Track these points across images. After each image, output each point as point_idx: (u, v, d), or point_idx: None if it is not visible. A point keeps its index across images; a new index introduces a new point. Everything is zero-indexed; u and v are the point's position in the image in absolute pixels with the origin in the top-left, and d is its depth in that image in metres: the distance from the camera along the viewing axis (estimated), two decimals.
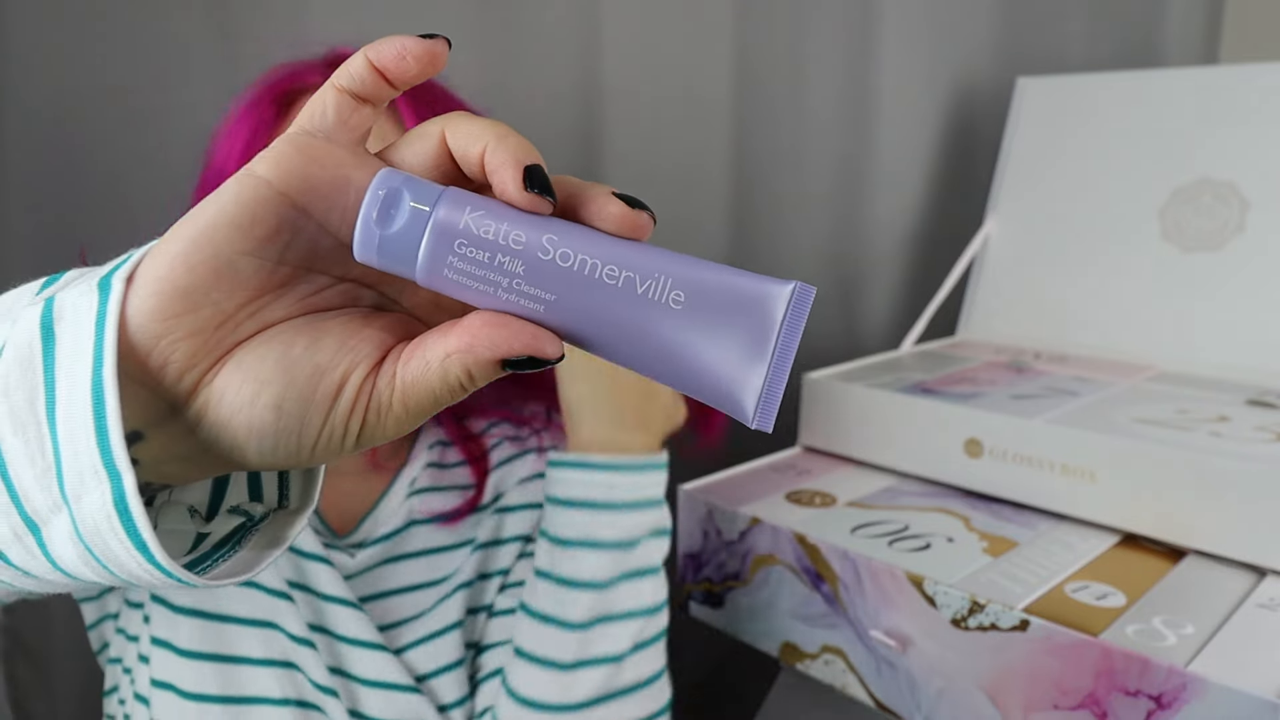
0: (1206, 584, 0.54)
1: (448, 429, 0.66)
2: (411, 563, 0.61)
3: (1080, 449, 0.61)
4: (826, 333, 1.05)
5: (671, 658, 0.60)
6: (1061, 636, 0.49)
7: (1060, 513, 0.63)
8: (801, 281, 0.25)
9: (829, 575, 0.60)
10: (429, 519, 0.62)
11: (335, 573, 0.56)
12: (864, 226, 1.02)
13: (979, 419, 0.65)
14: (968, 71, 1.01)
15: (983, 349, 0.87)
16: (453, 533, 0.62)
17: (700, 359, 0.26)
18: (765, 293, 0.25)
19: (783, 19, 0.97)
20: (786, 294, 0.25)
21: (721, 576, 0.67)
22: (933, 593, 0.54)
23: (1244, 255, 0.77)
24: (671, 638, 0.60)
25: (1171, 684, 0.45)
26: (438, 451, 0.65)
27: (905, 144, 1.01)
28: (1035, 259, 0.89)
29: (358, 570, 0.59)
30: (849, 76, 0.98)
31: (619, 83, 0.93)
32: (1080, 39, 1.04)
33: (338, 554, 0.58)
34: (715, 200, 1.00)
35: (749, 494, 0.68)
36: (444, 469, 0.65)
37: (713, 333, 0.25)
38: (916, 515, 0.64)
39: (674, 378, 0.26)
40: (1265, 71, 0.79)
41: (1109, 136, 0.87)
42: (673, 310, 0.25)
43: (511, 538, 0.63)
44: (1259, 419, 0.63)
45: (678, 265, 0.25)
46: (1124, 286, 0.83)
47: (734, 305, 0.25)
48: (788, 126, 0.99)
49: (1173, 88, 0.84)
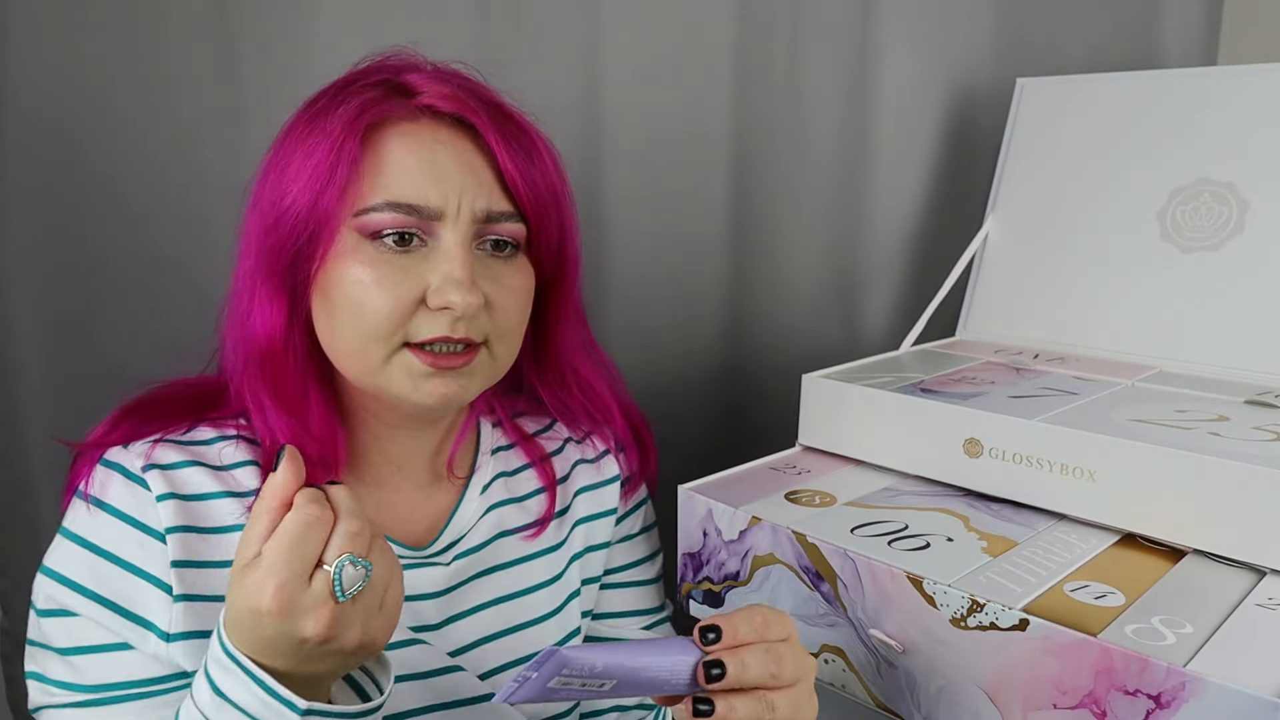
0: (1205, 583, 0.54)
1: (508, 431, 0.69)
2: (502, 574, 0.63)
3: (1079, 449, 0.61)
4: (826, 333, 1.05)
5: None
6: (1061, 636, 0.49)
7: (1059, 512, 0.63)
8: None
9: (829, 575, 0.60)
10: (513, 530, 0.65)
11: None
12: (864, 226, 1.02)
13: (978, 419, 0.65)
14: (968, 71, 1.01)
15: (982, 349, 0.87)
16: (534, 542, 0.65)
17: None
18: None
19: (782, 19, 0.97)
20: None
21: (721, 576, 0.68)
22: (932, 592, 0.54)
23: (1243, 255, 0.77)
24: None
25: (1170, 683, 0.45)
26: (502, 458, 0.67)
27: (905, 144, 1.01)
28: (1035, 259, 0.89)
29: (452, 584, 0.61)
30: (849, 77, 0.98)
31: (619, 84, 0.93)
32: (1080, 39, 1.04)
33: (428, 569, 0.60)
34: (715, 200, 1.00)
35: (749, 494, 0.68)
36: (512, 476, 0.67)
37: None
38: (916, 515, 0.64)
39: None
40: (1264, 72, 0.79)
41: (1108, 137, 0.87)
42: None
43: (601, 544, 0.69)
44: (1258, 419, 0.64)
45: None
46: (1123, 286, 0.83)
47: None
48: (788, 127, 0.99)
49: (1172, 88, 0.84)
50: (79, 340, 0.82)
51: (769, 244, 1.02)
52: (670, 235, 0.99)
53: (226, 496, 0.56)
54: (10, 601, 0.87)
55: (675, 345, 1.01)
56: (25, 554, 0.84)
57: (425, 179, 0.53)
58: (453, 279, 0.53)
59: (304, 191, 0.53)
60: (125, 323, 0.82)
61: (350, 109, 0.54)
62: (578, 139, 0.92)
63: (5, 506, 0.84)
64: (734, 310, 1.03)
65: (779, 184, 1.01)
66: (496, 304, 0.56)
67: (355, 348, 0.54)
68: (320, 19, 0.82)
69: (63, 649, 0.54)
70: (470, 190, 0.54)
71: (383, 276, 0.53)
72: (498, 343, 0.57)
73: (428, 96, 0.55)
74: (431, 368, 0.54)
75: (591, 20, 0.90)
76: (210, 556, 0.55)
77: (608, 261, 0.96)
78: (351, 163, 0.52)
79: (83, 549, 0.54)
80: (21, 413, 0.82)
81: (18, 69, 0.76)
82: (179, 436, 0.58)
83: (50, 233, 0.79)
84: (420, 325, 0.54)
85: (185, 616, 0.53)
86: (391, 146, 0.54)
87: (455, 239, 0.54)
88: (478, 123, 0.55)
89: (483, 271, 0.55)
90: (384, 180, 0.53)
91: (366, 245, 0.53)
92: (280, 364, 0.56)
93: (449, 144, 0.54)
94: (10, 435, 0.82)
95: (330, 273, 0.54)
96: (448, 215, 0.54)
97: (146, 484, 0.55)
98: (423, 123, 0.55)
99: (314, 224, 0.53)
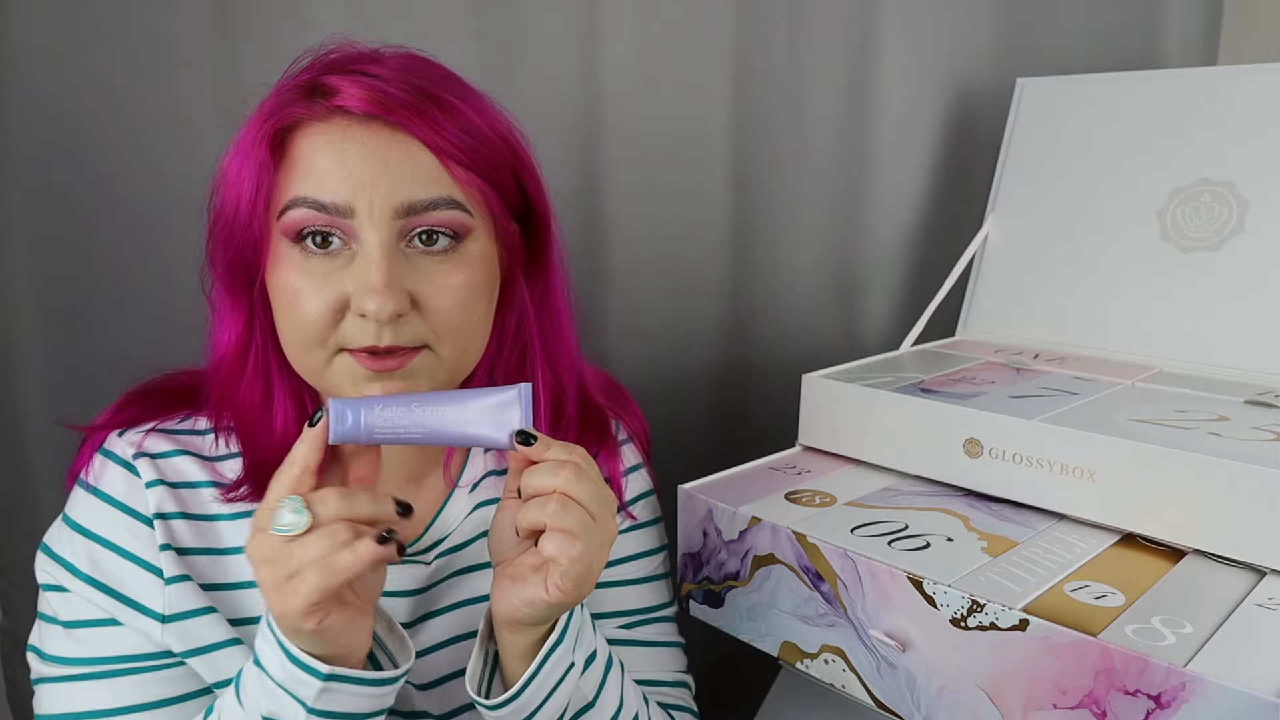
0: (1205, 583, 0.54)
1: None
2: (481, 574, 0.63)
3: (1079, 449, 0.61)
4: (826, 332, 1.05)
5: None
6: (1061, 636, 0.49)
7: (1059, 512, 0.63)
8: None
9: (829, 575, 0.60)
10: None
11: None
12: (864, 226, 1.02)
13: (978, 419, 0.65)
14: (968, 71, 1.01)
15: (982, 349, 0.87)
16: None
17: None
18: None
19: (782, 19, 0.97)
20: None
21: (721, 576, 0.68)
22: (932, 592, 0.54)
23: (1243, 255, 0.77)
24: None
25: (1170, 683, 0.45)
26: (493, 455, 0.67)
27: (905, 144, 1.01)
28: (1034, 259, 0.89)
29: (431, 582, 0.61)
30: (849, 77, 0.99)
31: (618, 84, 0.93)
32: (1080, 39, 1.04)
33: (408, 567, 0.61)
34: (715, 200, 1.00)
35: (749, 494, 0.68)
36: (502, 475, 0.66)
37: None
38: (916, 515, 0.64)
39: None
40: (1264, 72, 0.79)
41: (1108, 137, 0.87)
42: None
43: None
44: (1258, 419, 0.64)
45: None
46: (1123, 286, 0.83)
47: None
48: (788, 127, 0.99)
49: (1172, 88, 0.84)
50: (79, 339, 0.82)
51: (769, 244, 1.02)
52: (670, 235, 0.99)
53: (212, 486, 0.58)
54: (10, 601, 0.87)
55: (675, 345, 1.01)
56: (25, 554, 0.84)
57: (333, 176, 0.52)
58: (366, 284, 0.51)
59: (237, 202, 0.53)
60: (125, 321, 0.82)
61: (263, 114, 0.53)
62: (576, 140, 0.93)
63: (5, 506, 0.85)
64: (734, 310, 1.03)
65: (779, 184, 1.01)
66: (431, 305, 0.53)
67: (297, 352, 0.54)
68: (320, 19, 0.82)
69: (66, 622, 0.56)
70: (384, 184, 0.52)
71: (308, 283, 0.52)
72: (441, 344, 0.54)
73: (342, 98, 0.53)
74: (370, 370, 0.53)
75: (591, 20, 0.90)
76: (198, 543, 0.57)
77: (608, 261, 0.96)
78: (266, 167, 0.52)
79: (79, 534, 0.56)
80: (21, 411, 0.82)
81: (19, 69, 0.76)
82: (174, 425, 0.60)
83: (50, 231, 0.79)
84: (349, 332, 0.53)
85: (178, 597, 0.55)
86: (304, 148, 0.52)
87: (375, 240, 0.52)
88: (395, 118, 0.53)
89: (413, 271, 0.53)
90: (296, 180, 0.52)
91: (295, 251, 0.53)
92: (237, 378, 0.57)
93: (360, 140, 0.52)
94: (10, 434, 0.82)
95: (271, 280, 0.54)
96: (359, 212, 0.52)
97: (137, 471, 0.57)
98: (334, 122, 0.53)
99: (252, 234, 0.53)
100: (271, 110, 0.54)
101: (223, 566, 0.57)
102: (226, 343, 0.57)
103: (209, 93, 0.80)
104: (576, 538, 0.48)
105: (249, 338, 0.57)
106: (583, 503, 0.49)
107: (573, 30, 0.90)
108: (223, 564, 0.57)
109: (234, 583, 0.58)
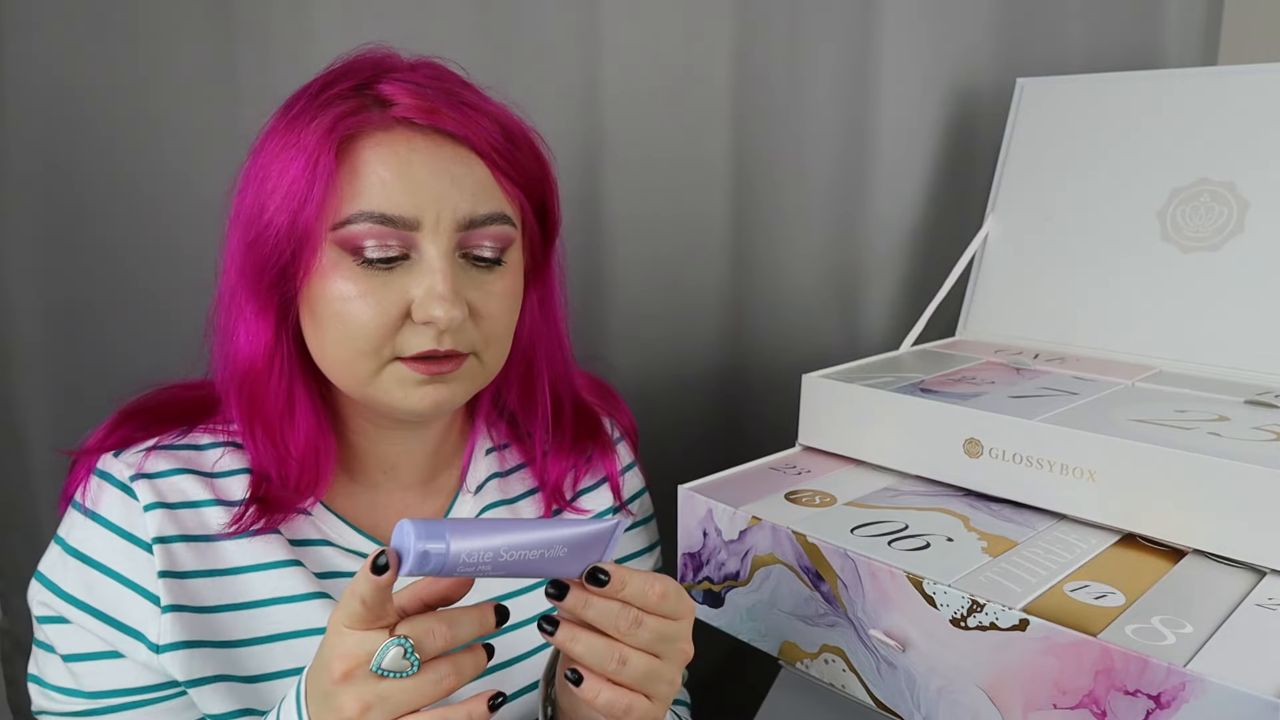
0: (1205, 583, 0.54)
1: (498, 431, 0.68)
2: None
3: (1079, 449, 0.61)
4: (826, 332, 1.05)
5: None
6: (1061, 636, 0.49)
7: (1059, 512, 0.63)
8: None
9: (829, 575, 0.60)
10: None
11: None
12: (864, 226, 1.02)
13: (978, 419, 0.65)
14: (968, 71, 1.01)
15: (982, 349, 0.87)
16: None
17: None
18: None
19: (782, 19, 0.97)
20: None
21: (721, 576, 0.68)
22: (932, 592, 0.54)
23: (1243, 255, 0.77)
24: None
25: (1170, 683, 0.45)
26: (496, 459, 0.67)
27: (905, 144, 1.01)
28: (1035, 259, 0.89)
29: None
30: (849, 76, 0.99)
31: (618, 83, 0.93)
32: (1080, 39, 1.04)
33: None
34: (715, 200, 1.00)
35: (748, 494, 0.68)
36: (505, 477, 0.67)
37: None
38: (916, 515, 0.64)
39: None
40: (1264, 72, 0.79)
41: (1108, 137, 0.87)
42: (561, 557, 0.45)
43: None
44: (1258, 419, 0.64)
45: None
46: (1123, 287, 0.83)
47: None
48: (787, 126, 0.99)
49: (1172, 88, 0.84)
50: (80, 342, 0.82)
51: (769, 244, 1.02)
52: (670, 235, 0.99)
53: (216, 505, 0.56)
54: (10, 602, 0.87)
55: (675, 344, 1.01)
56: (25, 554, 0.85)
57: (401, 190, 0.52)
58: (435, 293, 0.52)
59: (282, 208, 0.52)
60: (127, 325, 0.82)
61: (325, 121, 0.52)
62: (577, 140, 0.93)
63: (5, 507, 0.85)
64: (734, 310, 1.03)
65: (779, 183, 1.01)
66: (483, 312, 0.55)
67: (344, 361, 0.54)
68: (320, 19, 0.82)
69: (65, 655, 0.54)
70: (449, 198, 0.53)
71: (366, 292, 0.52)
72: (485, 350, 0.56)
73: (402, 109, 0.53)
74: (423, 374, 0.54)
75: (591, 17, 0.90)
76: (199, 565, 0.55)
77: (608, 259, 0.96)
78: (328, 177, 0.51)
79: (75, 559, 0.54)
80: (22, 414, 0.82)
81: (20, 68, 0.76)
82: (173, 442, 0.58)
83: (52, 234, 0.79)
84: (408, 339, 0.53)
85: (174, 627, 0.54)
86: (367, 158, 0.52)
87: (437, 250, 0.52)
88: (456, 130, 0.53)
89: (467, 281, 0.54)
90: (360, 193, 0.52)
91: (348, 259, 0.52)
92: (263, 384, 0.56)
93: (425, 152, 0.53)
94: (10, 436, 0.82)
95: (315, 288, 0.53)
96: (425, 225, 0.52)
97: (135, 494, 0.55)
98: (397, 132, 0.53)
99: (295, 241, 0.52)
100: (336, 118, 0.52)
101: (226, 588, 0.56)
102: (253, 349, 0.55)
103: (210, 93, 0.81)
104: (642, 695, 0.48)
105: (276, 344, 0.55)
106: (654, 651, 0.47)
107: (571, 29, 0.90)
108: (226, 585, 0.56)
109: (239, 603, 0.56)
